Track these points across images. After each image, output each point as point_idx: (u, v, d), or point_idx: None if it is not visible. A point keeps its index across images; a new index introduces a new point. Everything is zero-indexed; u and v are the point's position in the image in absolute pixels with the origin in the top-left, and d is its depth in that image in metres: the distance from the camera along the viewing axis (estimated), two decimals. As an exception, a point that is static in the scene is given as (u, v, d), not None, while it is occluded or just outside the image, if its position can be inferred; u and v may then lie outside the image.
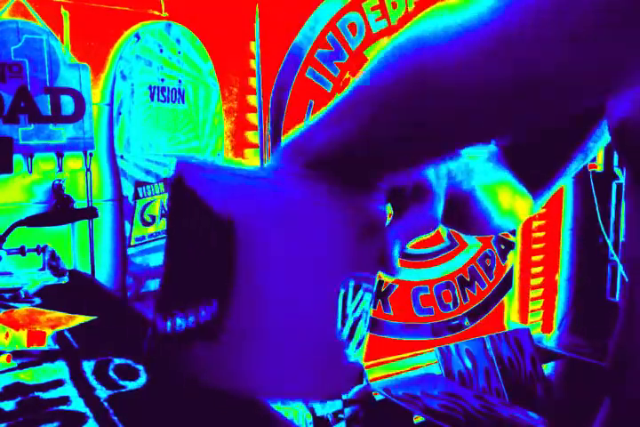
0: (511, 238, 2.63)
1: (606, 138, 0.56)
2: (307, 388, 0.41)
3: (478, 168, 0.49)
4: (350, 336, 0.41)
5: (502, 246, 2.59)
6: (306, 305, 0.39)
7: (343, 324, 0.40)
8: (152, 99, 1.82)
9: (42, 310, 1.17)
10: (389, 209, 0.44)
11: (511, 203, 0.51)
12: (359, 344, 0.42)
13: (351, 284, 0.40)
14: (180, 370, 0.41)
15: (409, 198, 0.44)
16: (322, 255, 0.39)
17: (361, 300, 0.41)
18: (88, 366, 0.90)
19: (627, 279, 0.55)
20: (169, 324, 0.40)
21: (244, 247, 0.38)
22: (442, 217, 0.45)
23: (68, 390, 0.81)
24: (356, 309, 0.41)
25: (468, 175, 0.47)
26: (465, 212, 0.47)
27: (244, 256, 0.38)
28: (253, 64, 1.96)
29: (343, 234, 0.40)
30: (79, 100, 1.68)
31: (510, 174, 0.53)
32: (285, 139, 0.43)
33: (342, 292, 0.40)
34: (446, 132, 0.36)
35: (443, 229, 2.25)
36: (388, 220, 0.44)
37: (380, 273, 0.44)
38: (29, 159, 1.65)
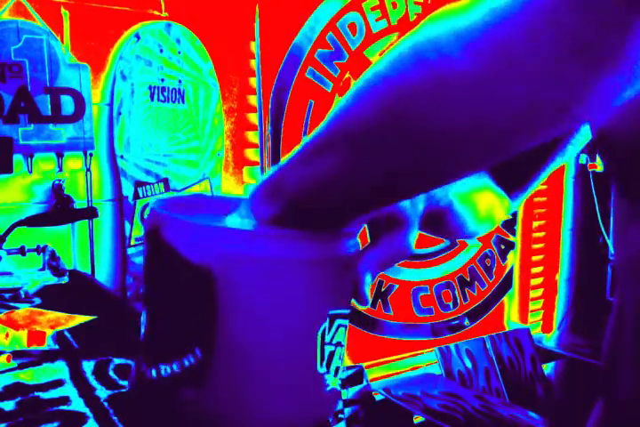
0: (511, 238, 2.63)
1: (587, 139, 0.57)
2: (293, 421, 0.43)
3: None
4: (327, 366, 0.43)
5: (502, 246, 2.59)
6: (288, 347, 0.41)
7: (322, 358, 0.42)
8: (152, 99, 1.82)
9: (42, 310, 1.17)
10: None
11: (489, 208, 0.51)
12: (336, 373, 0.44)
13: (327, 320, 0.42)
14: (168, 415, 0.42)
15: (382, 227, 0.44)
16: (300, 303, 0.41)
17: (335, 332, 0.43)
18: (88, 366, 0.90)
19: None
20: (154, 372, 0.42)
21: (225, 297, 0.40)
22: (422, 224, 0.45)
23: (68, 390, 0.81)
24: (331, 341, 0.43)
25: (445, 190, 0.46)
26: (442, 224, 0.47)
27: (226, 306, 0.40)
28: (253, 64, 1.96)
29: (319, 282, 0.41)
30: (79, 100, 1.68)
31: (488, 178, 0.53)
32: (259, 179, 0.41)
33: (321, 330, 0.42)
34: (431, 170, 0.34)
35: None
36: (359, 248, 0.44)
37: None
38: (29, 159, 1.65)
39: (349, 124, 0.35)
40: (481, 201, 0.50)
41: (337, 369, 0.44)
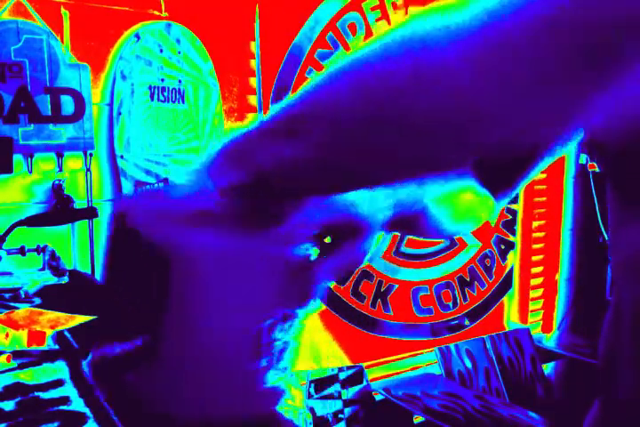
0: (511, 238, 2.63)
1: (577, 139, 0.57)
2: (227, 410, 0.45)
3: (433, 182, 0.47)
4: (270, 364, 0.44)
5: (502, 246, 2.59)
6: (229, 336, 0.43)
7: (264, 354, 0.44)
8: (152, 99, 1.82)
9: (42, 310, 1.17)
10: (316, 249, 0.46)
11: (471, 208, 0.51)
12: (283, 370, 0.45)
13: (274, 318, 0.44)
14: (119, 394, 0.44)
15: (342, 235, 0.44)
16: (246, 293, 0.43)
17: (284, 331, 0.45)
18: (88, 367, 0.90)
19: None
20: (108, 350, 0.44)
21: (178, 281, 0.42)
22: (390, 227, 0.45)
23: (68, 390, 0.81)
24: (278, 339, 0.44)
25: (418, 196, 0.45)
26: (416, 226, 0.46)
27: (177, 289, 0.42)
28: (253, 64, 1.96)
29: (268, 279, 0.43)
30: (79, 100, 1.68)
31: (471, 179, 0.52)
32: (224, 139, 0.40)
33: (264, 325, 0.43)
34: (402, 159, 0.34)
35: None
36: (316, 253, 0.45)
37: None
38: (29, 159, 1.65)
39: (326, 106, 0.34)
40: (459, 202, 0.50)
41: (284, 368, 0.45)
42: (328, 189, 0.39)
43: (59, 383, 0.83)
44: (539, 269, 2.79)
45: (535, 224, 2.74)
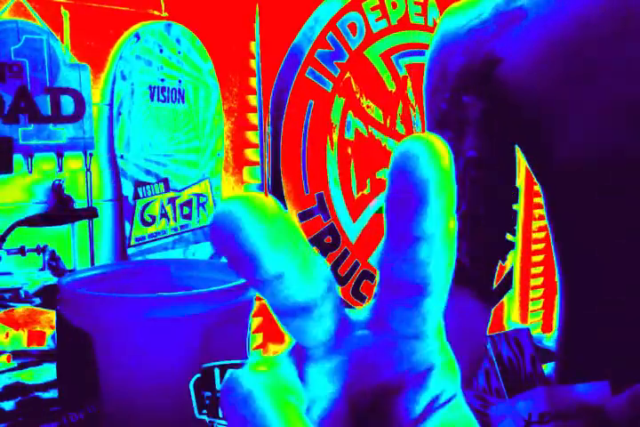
0: (511, 238, 2.63)
1: None
2: None
3: None
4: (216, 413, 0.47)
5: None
6: (161, 398, 0.46)
7: (204, 405, 0.46)
8: (152, 99, 1.82)
9: (42, 309, 1.17)
10: None
11: None
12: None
13: (216, 370, 0.46)
14: None
15: None
16: (165, 358, 0.47)
17: None
18: (88, 366, 0.90)
19: None
20: (67, 419, 0.50)
21: (102, 357, 0.47)
22: None
23: (68, 390, 0.81)
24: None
25: None
26: None
27: (103, 364, 0.47)
28: (253, 64, 1.96)
29: (184, 338, 0.47)
30: (79, 100, 1.68)
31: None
32: None
33: (194, 378, 0.46)
34: None
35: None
36: None
37: None
38: (29, 159, 1.65)
39: None
40: None
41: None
42: None
43: (59, 383, 0.83)
44: (539, 269, 2.79)
45: (535, 225, 2.74)
